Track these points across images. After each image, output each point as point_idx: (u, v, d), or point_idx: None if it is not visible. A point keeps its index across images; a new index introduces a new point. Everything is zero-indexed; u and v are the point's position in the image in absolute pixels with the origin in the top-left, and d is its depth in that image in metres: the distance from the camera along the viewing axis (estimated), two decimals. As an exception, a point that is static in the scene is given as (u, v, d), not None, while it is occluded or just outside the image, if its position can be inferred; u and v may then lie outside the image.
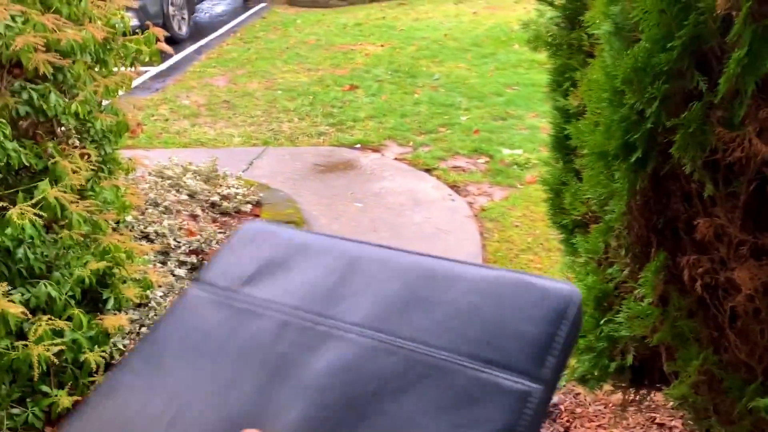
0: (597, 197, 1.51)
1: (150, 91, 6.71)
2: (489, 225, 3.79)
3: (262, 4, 11.17)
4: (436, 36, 8.18)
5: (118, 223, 2.67)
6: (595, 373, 1.76)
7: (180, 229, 3.36)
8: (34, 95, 2.01)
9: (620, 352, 1.67)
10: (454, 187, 4.33)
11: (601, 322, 1.61)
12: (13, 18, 1.84)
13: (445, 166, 4.64)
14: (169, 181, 3.86)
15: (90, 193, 2.32)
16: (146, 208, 3.46)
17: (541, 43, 1.92)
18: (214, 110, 6.16)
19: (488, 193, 4.22)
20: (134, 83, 2.89)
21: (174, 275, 3.04)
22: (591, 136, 1.37)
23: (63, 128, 2.26)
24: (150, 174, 3.93)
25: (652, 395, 2.12)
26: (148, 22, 2.73)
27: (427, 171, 4.61)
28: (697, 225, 1.25)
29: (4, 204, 1.91)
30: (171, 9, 8.66)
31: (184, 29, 9.03)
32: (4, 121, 1.86)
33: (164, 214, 3.47)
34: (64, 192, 2.05)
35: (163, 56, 6.52)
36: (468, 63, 7.05)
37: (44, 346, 1.88)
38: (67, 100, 2.15)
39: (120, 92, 2.54)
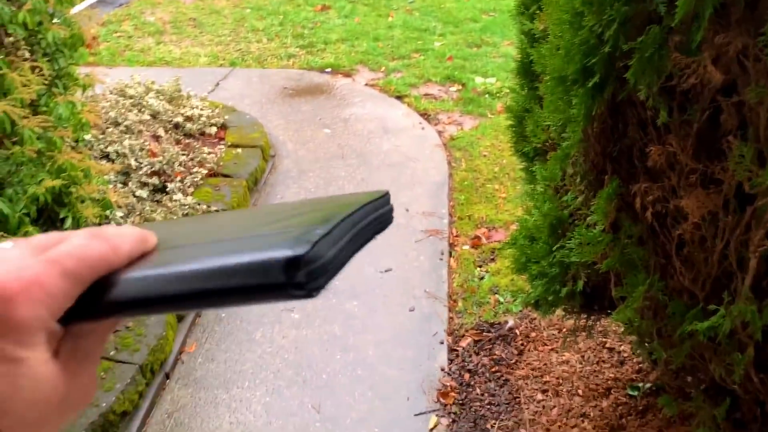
0: (556, 123, 1.51)
1: (113, 6, 6.44)
2: (457, 154, 3.78)
3: None
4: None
5: (77, 141, 2.59)
6: (548, 298, 1.80)
7: (142, 149, 3.28)
8: (-22, 1, 1.90)
9: (572, 278, 1.70)
10: (424, 115, 4.28)
11: (554, 248, 1.64)
12: None
13: (417, 93, 4.57)
14: (130, 101, 3.75)
15: (43, 108, 2.24)
16: (107, 128, 3.37)
17: (511, -37, 1.85)
18: (180, 28, 5.93)
19: (458, 122, 4.19)
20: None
21: (135, 196, 2.99)
22: (552, 60, 1.35)
23: (11, 39, 2.16)
24: (111, 92, 3.81)
25: (602, 321, 2.19)
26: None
27: (399, 98, 4.54)
28: (650, 152, 1.25)
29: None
30: None
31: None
32: (-56, 27, 1.76)
33: (125, 133, 3.39)
34: (14, 106, 1.98)
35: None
36: (445, -13, 6.85)
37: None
38: (14, 9, 2.04)
39: (76, 5, 2.42)
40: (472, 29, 5.70)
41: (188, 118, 3.72)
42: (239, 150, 3.56)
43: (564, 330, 2.49)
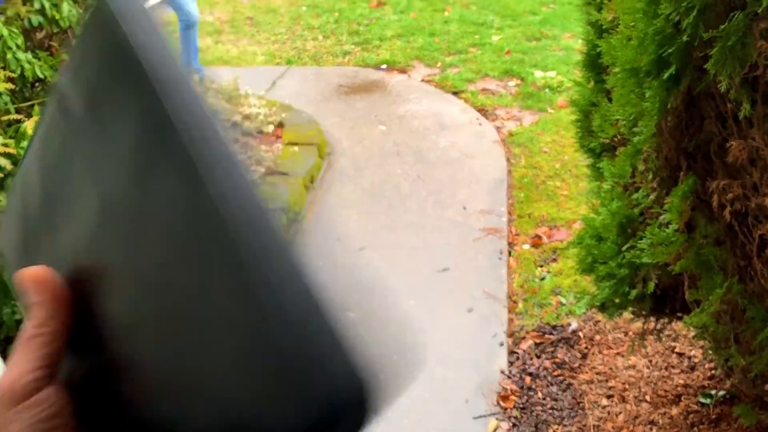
0: (626, 118, 1.43)
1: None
2: (516, 150, 3.70)
3: None
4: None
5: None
6: (616, 301, 1.72)
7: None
8: (47, 4, 1.95)
9: (642, 279, 1.62)
10: (482, 110, 4.21)
11: (624, 248, 1.56)
12: None
13: (474, 88, 4.50)
14: (191, 100, 3.81)
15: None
16: (168, 127, 3.44)
17: (576, -48, 1.78)
18: (237, 27, 6.03)
19: (517, 117, 4.10)
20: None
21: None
22: (623, 51, 1.28)
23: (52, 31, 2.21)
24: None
25: (672, 324, 2.09)
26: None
27: (455, 93, 4.48)
28: (730, 147, 1.17)
29: (20, 117, 1.89)
30: None
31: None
32: (16, 30, 1.81)
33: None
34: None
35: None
36: (502, -20, 6.73)
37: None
38: (81, 10, 2.09)
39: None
40: (530, 22, 5.58)
41: (246, 117, 3.77)
42: (296, 148, 3.58)
43: (630, 333, 2.39)
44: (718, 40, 1.06)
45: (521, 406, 2.15)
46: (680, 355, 2.29)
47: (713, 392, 2.10)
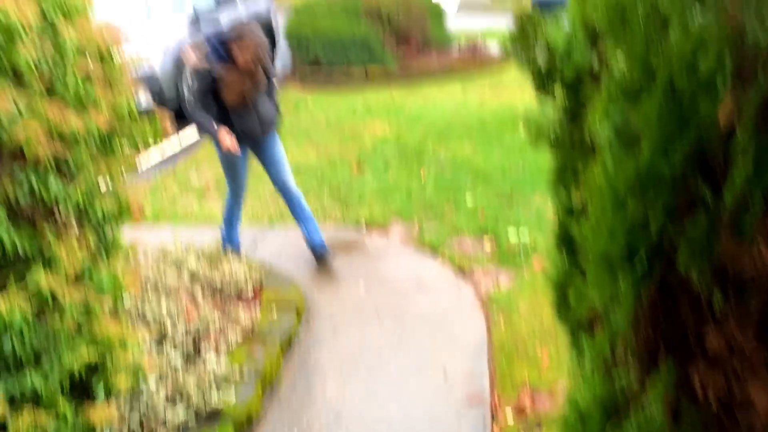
0: (602, 303, 1.45)
1: (161, 168, 6.79)
2: (495, 311, 3.71)
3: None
4: (443, 117, 8.32)
5: (116, 308, 2.61)
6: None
7: (179, 312, 3.29)
8: (34, 182, 2.00)
9: (631, 464, 1.56)
10: (459, 269, 4.27)
11: (606, 429, 1.52)
12: (17, 107, 1.85)
13: (451, 247, 4.59)
14: (170, 262, 3.83)
15: (86, 279, 2.28)
16: (146, 288, 3.41)
17: (543, 138, 1.90)
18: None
19: (495, 276, 4.15)
20: (150, 161, 2.92)
21: (170, 362, 2.95)
22: (594, 240, 1.32)
23: (62, 213, 2.25)
24: (152, 253, 3.91)
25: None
26: (163, 103, 2.76)
27: (433, 252, 4.56)
28: (707, 337, 1.19)
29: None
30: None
31: (197, 108, 9.22)
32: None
33: (164, 295, 3.42)
34: (58, 278, 2.01)
35: (178, 133, 6.63)
36: (474, 144, 7.12)
37: (25, 442, 1.79)
38: (68, 185, 2.14)
39: (126, 175, 2.55)
40: (502, 184, 5.83)
41: (226, 279, 3.76)
42: (274, 310, 3.55)
43: None
44: (682, 237, 1.10)
45: None
46: None
47: None
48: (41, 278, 1.97)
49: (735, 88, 0.98)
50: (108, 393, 2.37)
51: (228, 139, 3.84)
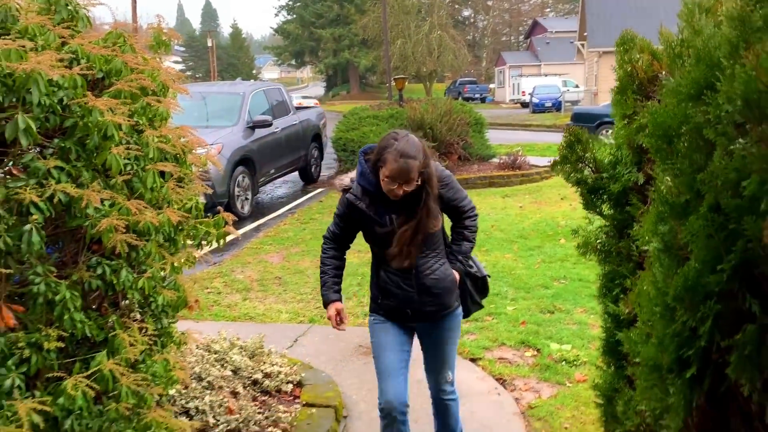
0: (651, 410, 1.47)
1: (207, 265, 6.97)
2: (536, 425, 3.63)
3: (320, 189, 11.87)
4: (484, 227, 8.43)
5: (161, 396, 2.68)
6: None
7: (220, 406, 3.32)
8: (107, 270, 2.14)
9: None
10: (499, 379, 4.22)
11: None
12: (102, 202, 2.02)
13: (491, 356, 4.56)
14: (215, 356, 3.90)
15: (141, 366, 2.36)
16: (190, 382, 3.47)
17: (590, 250, 1.98)
18: (265, 285, 6.34)
19: (536, 389, 4.09)
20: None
21: (209, 456, 2.96)
22: (644, 348, 1.37)
23: (126, 301, 2.38)
24: (198, 347, 3.99)
25: None
26: (216, 201, 2.96)
27: (473, 360, 4.53)
28: None
29: (60, 374, 1.96)
30: (237, 190, 9.29)
31: (246, 208, 9.60)
32: (76, 293, 1.98)
33: (207, 389, 3.47)
34: (118, 365, 2.10)
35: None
36: (514, 254, 7.18)
37: None
38: (135, 275, 2.28)
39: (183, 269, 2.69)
40: (543, 295, 5.83)
41: (267, 375, 3.80)
42: (313, 410, 3.55)
43: None
44: (734, 348, 1.15)
45: None
46: None
47: None
48: (104, 363, 2.06)
49: (777, 208, 1.06)
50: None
51: (334, 313, 2.86)
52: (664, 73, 1.59)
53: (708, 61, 1.10)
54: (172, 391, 3.11)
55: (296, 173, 12.34)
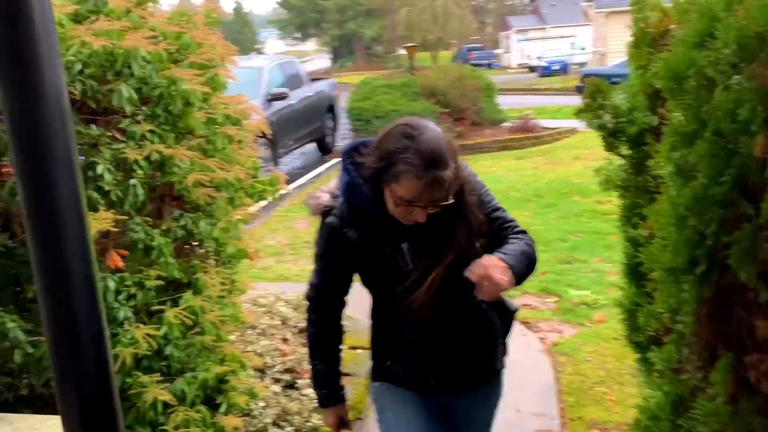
0: (668, 310, 1.78)
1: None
2: (561, 359, 3.96)
3: (337, 159, 12.16)
4: (499, 188, 8.71)
5: (231, 335, 3.02)
6: (676, 477, 1.91)
7: (276, 350, 3.68)
8: (189, 222, 2.46)
9: (698, 453, 1.83)
10: (524, 323, 4.55)
11: (678, 421, 1.81)
12: (185, 162, 2.33)
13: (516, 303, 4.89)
14: (263, 308, 4.25)
15: (218, 305, 2.70)
16: (245, 330, 3.82)
17: (612, 186, 2.28)
18: (296, 249, 6.68)
19: (558, 330, 4.42)
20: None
21: (272, 391, 3.32)
22: (662, 255, 1.67)
23: (203, 250, 2.70)
24: (244, 302, 4.34)
25: None
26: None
27: (498, 308, 4.86)
28: (757, 327, 1.50)
29: (161, 308, 2.30)
30: (259, 162, 9.59)
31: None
32: (169, 240, 2.30)
33: (260, 336, 3.82)
34: (205, 301, 2.44)
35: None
36: (531, 212, 7.47)
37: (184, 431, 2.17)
38: (211, 225, 2.60)
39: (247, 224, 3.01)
40: (561, 248, 6.13)
41: (313, 324, 4.15)
42: (358, 351, 3.90)
43: None
44: (734, 244, 1.45)
45: None
46: None
47: None
48: (192, 299, 2.39)
49: (766, 128, 1.35)
50: (228, 409, 2.75)
51: (335, 420, 1.97)
52: (674, 27, 1.86)
53: (709, 15, 1.38)
54: (231, 337, 3.46)
55: (313, 145, 12.62)
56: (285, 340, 3.91)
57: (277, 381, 3.44)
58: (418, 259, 1.71)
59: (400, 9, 41.52)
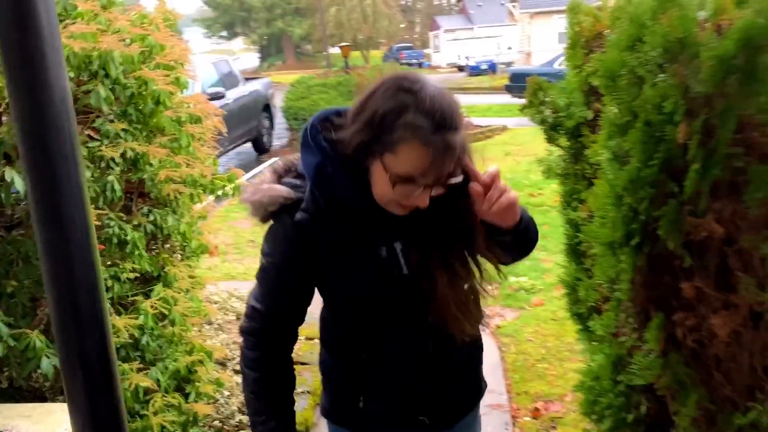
0: (607, 280, 2.03)
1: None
2: (505, 340, 4.23)
3: (274, 159, 12.18)
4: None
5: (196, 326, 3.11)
6: (617, 428, 2.16)
7: (234, 342, 3.78)
8: (158, 217, 2.55)
9: (636, 405, 2.09)
10: (468, 309, 4.80)
11: (617, 378, 2.06)
12: (156, 159, 2.43)
13: (459, 292, 5.14)
14: (216, 305, 4.33)
15: (185, 297, 2.80)
16: (203, 325, 3.90)
17: (553, 174, 2.52)
18: (240, 248, 6.73)
19: (501, 314, 4.70)
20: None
21: (234, 381, 3.42)
22: (601, 231, 1.91)
23: (169, 245, 2.79)
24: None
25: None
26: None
27: (443, 297, 5.10)
28: (682, 289, 1.76)
29: (135, 299, 2.39)
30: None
31: (206, 179, 9.84)
32: (142, 234, 2.39)
33: (218, 330, 3.91)
34: (176, 293, 2.54)
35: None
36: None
37: (162, 416, 2.27)
38: (178, 220, 2.70)
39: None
40: (499, 238, 6.44)
41: (267, 317, 4.26)
42: (314, 340, 4.04)
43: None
44: (662, 218, 1.70)
45: None
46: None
47: None
48: (163, 291, 2.49)
49: (687, 118, 1.60)
50: (196, 399, 2.85)
51: None
52: (606, 31, 2.11)
53: (638, 22, 1.61)
54: (195, 329, 3.54)
55: (249, 144, 12.59)
56: (242, 333, 4.02)
57: (237, 372, 3.54)
58: (420, 261, 1.35)
59: (330, 8, 41.58)
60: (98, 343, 1.21)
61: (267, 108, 12.83)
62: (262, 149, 12.76)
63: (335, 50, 26.85)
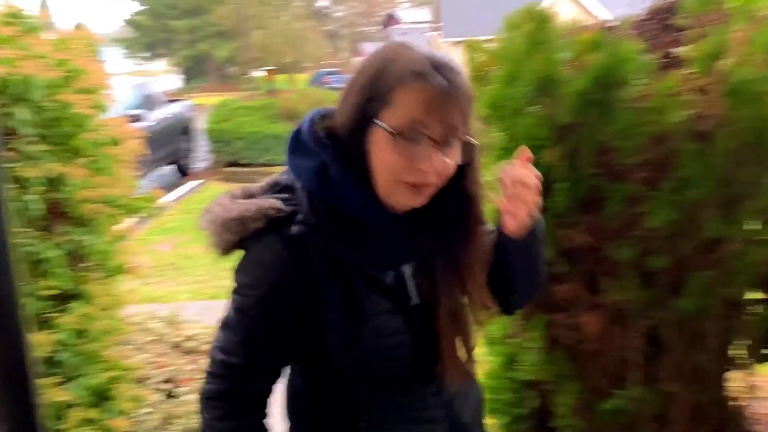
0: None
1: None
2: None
3: (200, 181, 12.10)
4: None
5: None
6: (514, 422, 2.39)
7: (152, 362, 3.82)
8: (77, 235, 2.62)
9: (527, 400, 2.33)
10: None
11: (509, 375, 2.29)
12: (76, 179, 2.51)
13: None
14: (135, 326, 4.34)
15: (103, 315, 2.85)
16: (123, 345, 3.92)
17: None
18: (161, 271, 6.70)
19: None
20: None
21: (155, 399, 3.47)
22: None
23: (88, 263, 2.85)
24: (118, 320, 4.40)
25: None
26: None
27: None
28: (558, 292, 2.01)
29: (55, 314, 2.45)
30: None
31: (126, 202, 9.69)
32: (62, 253, 2.46)
33: (137, 350, 3.94)
34: (94, 310, 2.60)
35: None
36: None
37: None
38: (96, 240, 2.76)
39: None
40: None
41: (189, 337, 4.31)
42: (236, 359, 4.12)
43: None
44: (539, 230, 1.94)
45: None
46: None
47: None
48: (81, 308, 2.55)
49: (556, 143, 1.86)
50: (117, 413, 2.90)
51: None
52: (493, 68, 2.37)
53: (514, 62, 1.87)
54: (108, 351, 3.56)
55: (171, 166, 12.46)
56: (163, 354, 4.05)
57: (158, 390, 3.59)
58: (416, 280, 1.14)
59: (254, 31, 41.52)
60: (18, 358, 1.25)
61: (186, 131, 12.75)
62: (183, 171, 12.64)
63: (261, 73, 26.83)
